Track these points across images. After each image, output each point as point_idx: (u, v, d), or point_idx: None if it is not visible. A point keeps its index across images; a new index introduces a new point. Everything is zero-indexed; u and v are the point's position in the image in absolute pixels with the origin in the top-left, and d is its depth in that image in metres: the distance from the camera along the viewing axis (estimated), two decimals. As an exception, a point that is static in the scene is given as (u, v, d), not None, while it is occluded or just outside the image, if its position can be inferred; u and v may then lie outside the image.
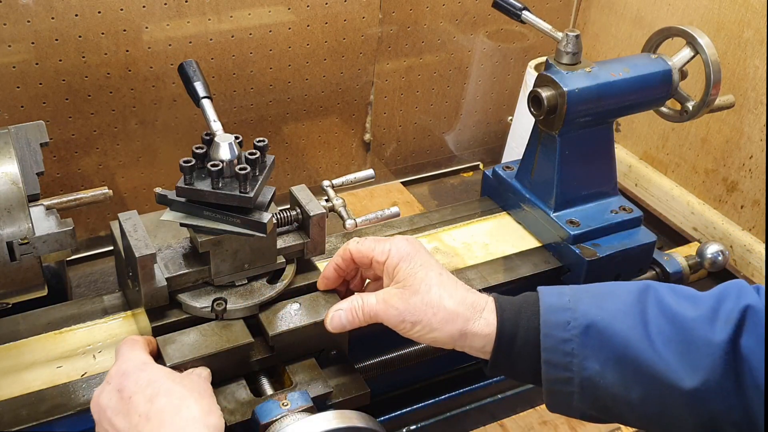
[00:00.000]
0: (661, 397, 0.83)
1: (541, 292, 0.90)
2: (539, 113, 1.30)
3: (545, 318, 0.87)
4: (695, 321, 0.82)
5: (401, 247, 0.96)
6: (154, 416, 0.82)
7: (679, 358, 0.82)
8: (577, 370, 0.85)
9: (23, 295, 0.97)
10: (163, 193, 0.99)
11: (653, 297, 0.86)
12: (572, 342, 0.85)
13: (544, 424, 1.38)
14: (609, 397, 0.86)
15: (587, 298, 0.87)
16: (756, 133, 1.65)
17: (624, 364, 0.84)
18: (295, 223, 1.12)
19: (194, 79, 1.07)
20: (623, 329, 0.84)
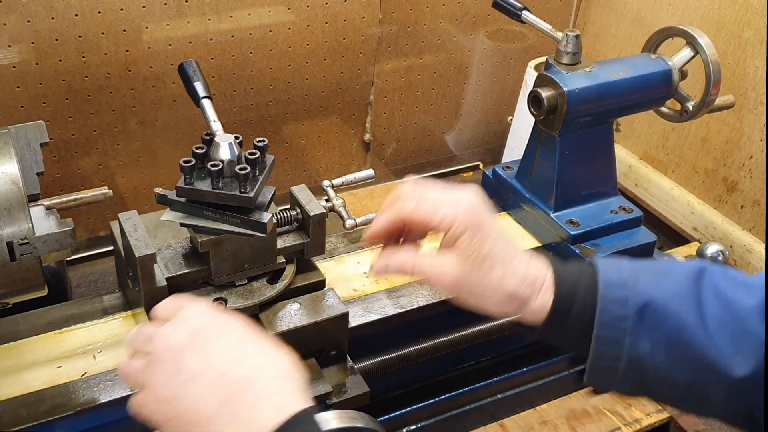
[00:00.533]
0: (707, 383, 0.82)
1: (599, 266, 0.86)
2: (539, 113, 1.30)
3: (603, 292, 0.84)
4: (749, 310, 0.81)
5: (466, 218, 0.87)
6: (247, 360, 0.75)
7: (731, 345, 0.80)
8: (627, 348, 0.83)
9: (23, 295, 0.97)
10: (163, 193, 0.99)
11: (709, 280, 0.84)
12: (627, 320, 0.82)
13: (544, 424, 1.38)
14: (654, 378, 0.84)
15: (646, 275, 0.85)
16: (756, 133, 1.65)
17: (676, 347, 0.82)
18: (295, 223, 1.12)
19: (194, 79, 1.07)
20: (679, 311, 0.82)
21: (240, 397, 0.72)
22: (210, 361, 0.74)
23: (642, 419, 1.39)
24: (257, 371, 0.74)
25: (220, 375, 0.73)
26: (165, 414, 0.74)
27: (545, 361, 1.40)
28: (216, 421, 0.71)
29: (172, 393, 0.74)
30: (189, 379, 0.73)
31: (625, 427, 1.37)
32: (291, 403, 0.72)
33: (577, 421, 1.39)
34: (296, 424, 0.70)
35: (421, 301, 1.22)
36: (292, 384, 0.75)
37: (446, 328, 1.28)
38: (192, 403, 0.73)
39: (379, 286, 1.25)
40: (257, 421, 0.70)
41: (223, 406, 0.72)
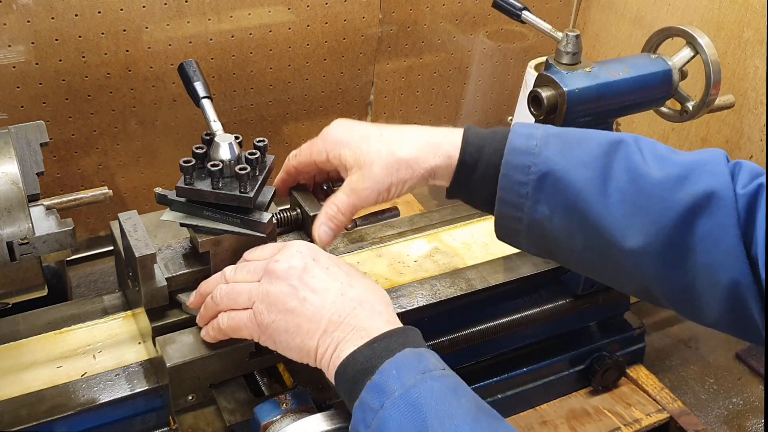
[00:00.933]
0: (602, 250, 0.86)
1: (512, 132, 0.92)
2: (539, 113, 1.29)
3: (507, 158, 0.90)
4: (657, 184, 0.83)
5: (333, 138, 1.00)
6: (358, 286, 0.87)
7: (628, 217, 0.83)
8: (527, 212, 0.89)
9: (23, 295, 0.97)
10: (163, 193, 0.99)
11: (623, 152, 0.86)
12: (527, 186, 0.88)
13: (544, 424, 1.38)
14: (553, 240, 0.90)
15: (555, 144, 0.89)
16: (756, 133, 1.64)
17: (572, 213, 0.86)
18: (296, 224, 1.12)
19: (194, 79, 1.07)
20: (579, 180, 0.86)
21: (357, 312, 0.84)
22: (329, 282, 0.87)
23: (642, 419, 1.39)
24: (367, 295, 0.87)
25: (339, 294, 0.86)
26: (285, 324, 0.86)
27: (545, 361, 1.40)
28: (339, 327, 0.84)
29: (296, 304, 0.85)
30: (309, 294, 0.86)
31: (625, 427, 1.37)
32: (395, 321, 0.86)
33: (577, 421, 1.39)
34: (404, 332, 0.83)
35: (421, 301, 1.22)
36: (391, 310, 0.88)
37: (446, 328, 1.28)
38: (316, 312, 0.85)
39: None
40: (370, 329, 0.83)
41: (344, 317, 0.84)
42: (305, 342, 0.86)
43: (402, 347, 0.80)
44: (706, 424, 1.45)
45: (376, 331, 0.82)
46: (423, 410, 0.73)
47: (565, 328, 1.42)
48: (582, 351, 1.43)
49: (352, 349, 0.82)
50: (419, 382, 0.76)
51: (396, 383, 0.76)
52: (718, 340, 1.66)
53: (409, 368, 0.77)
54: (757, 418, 1.49)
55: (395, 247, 1.35)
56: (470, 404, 0.76)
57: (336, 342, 0.84)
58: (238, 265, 0.97)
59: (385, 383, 0.76)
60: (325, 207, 1.00)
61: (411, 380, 0.76)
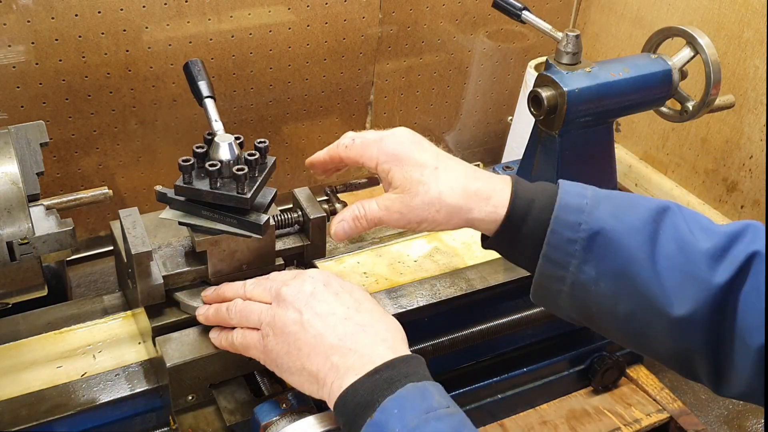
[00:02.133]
0: (647, 318, 0.84)
1: (562, 189, 0.89)
2: (539, 113, 1.30)
3: (557, 214, 0.87)
4: (703, 254, 0.82)
5: (389, 151, 0.96)
6: (364, 313, 0.87)
7: (677, 285, 0.82)
8: (573, 271, 0.86)
9: (23, 295, 0.97)
10: (163, 191, 0.99)
11: (670, 220, 0.85)
12: (577, 243, 0.85)
13: (544, 424, 1.38)
14: (596, 305, 0.87)
15: (606, 205, 0.87)
16: (756, 133, 1.64)
17: (620, 278, 0.84)
18: (297, 225, 1.12)
19: (198, 78, 1.07)
20: (631, 244, 0.84)
21: (360, 337, 0.83)
22: (336, 306, 0.87)
23: (642, 419, 1.39)
24: (373, 321, 0.86)
25: (345, 318, 0.85)
26: (286, 348, 0.86)
27: (545, 361, 1.40)
28: (338, 352, 0.82)
29: (299, 328, 0.85)
30: (315, 318, 0.85)
31: (625, 427, 1.37)
32: (401, 348, 0.84)
33: (577, 421, 1.39)
34: (408, 361, 0.81)
35: (421, 301, 1.22)
36: (399, 337, 0.86)
37: (446, 328, 1.28)
38: (317, 336, 0.84)
39: (378, 285, 1.25)
40: (373, 356, 0.81)
41: (345, 342, 0.82)
42: (305, 366, 0.84)
43: (405, 379, 0.77)
44: (706, 424, 1.45)
45: (378, 358, 0.80)
46: None
47: (565, 328, 1.42)
48: (582, 351, 1.43)
49: (353, 379, 0.79)
50: (422, 424, 0.73)
51: (397, 424, 0.73)
52: (718, 340, 1.66)
53: (412, 407, 0.75)
54: (757, 418, 1.49)
55: (395, 247, 1.35)
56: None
57: (336, 368, 0.81)
58: (258, 280, 0.97)
59: (387, 423, 0.74)
60: (354, 206, 0.98)
61: (413, 421, 0.73)
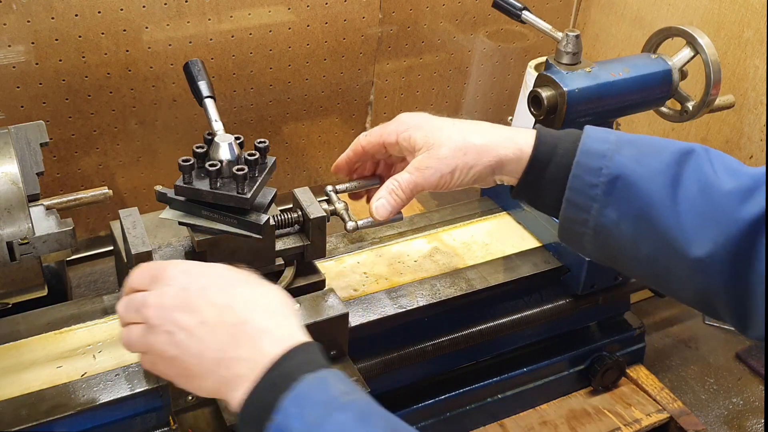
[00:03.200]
0: (667, 259, 0.85)
1: (586, 134, 0.90)
2: (539, 113, 1.30)
3: (579, 159, 0.88)
4: (726, 195, 0.83)
5: (406, 121, 0.98)
6: (237, 304, 0.78)
7: (696, 226, 0.83)
8: (594, 215, 0.88)
9: (23, 295, 0.97)
10: (163, 191, 0.99)
11: (694, 162, 0.86)
12: (598, 188, 0.87)
13: (544, 424, 1.38)
14: (618, 247, 0.88)
15: (628, 149, 0.88)
16: (756, 133, 1.64)
17: (641, 221, 0.86)
18: (297, 225, 1.12)
19: (198, 78, 1.07)
20: (651, 188, 0.85)
21: (239, 339, 0.75)
22: (202, 314, 0.77)
23: (642, 419, 1.39)
24: (249, 313, 0.77)
25: (215, 325, 0.76)
26: (175, 371, 0.78)
27: (545, 361, 1.40)
28: (222, 365, 0.75)
29: (177, 351, 0.77)
30: (188, 336, 0.76)
31: (625, 427, 1.37)
32: (289, 336, 0.76)
33: (577, 421, 1.39)
34: (299, 352, 0.74)
35: (421, 301, 1.22)
36: (286, 319, 0.78)
37: (446, 328, 1.28)
38: (196, 355, 0.76)
39: (378, 285, 1.25)
40: (260, 356, 0.73)
41: (226, 351, 0.75)
42: (202, 385, 0.78)
43: (301, 372, 0.72)
44: (706, 424, 1.45)
45: (265, 357, 0.73)
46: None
47: (565, 328, 1.42)
48: (582, 351, 1.43)
49: (248, 387, 0.73)
50: (324, 417, 0.69)
51: (299, 424, 0.69)
52: (718, 340, 1.66)
53: (311, 402, 0.70)
54: (757, 418, 1.49)
55: (395, 247, 1.35)
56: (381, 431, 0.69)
57: (227, 381, 0.75)
58: (125, 301, 0.84)
59: (287, 425, 0.69)
60: (386, 182, 0.97)
61: (314, 417, 0.69)
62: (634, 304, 1.50)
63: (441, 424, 1.33)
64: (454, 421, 1.34)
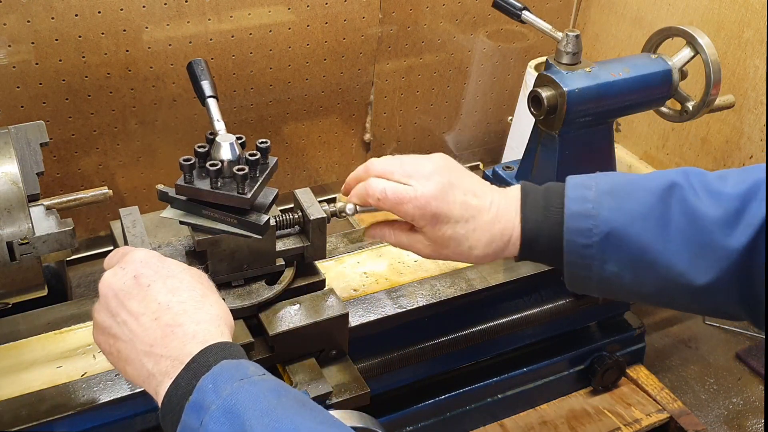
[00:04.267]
0: (675, 291, 0.89)
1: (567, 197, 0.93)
2: (539, 113, 1.30)
3: (568, 224, 0.92)
4: (715, 223, 0.85)
5: (423, 210, 0.96)
6: (176, 307, 0.82)
7: (694, 257, 0.86)
8: (596, 272, 0.92)
9: (23, 295, 0.97)
10: (164, 190, 0.99)
11: (678, 196, 0.88)
12: (592, 248, 0.91)
13: (544, 424, 1.38)
14: (625, 292, 0.93)
15: (608, 201, 0.91)
16: (756, 133, 1.65)
17: (639, 265, 0.89)
18: (297, 226, 1.12)
19: (201, 78, 1.07)
20: (641, 233, 0.88)
21: (168, 340, 0.80)
22: (145, 305, 0.82)
23: (642, 419, 1.39)
24: (185, 317, 0.81)
25: (151, 320, 0.81)
26: (108, 348, 0.84)
27: (545, 361, 1.40)
28: (150, 358, 0.80)
29: (113, 331, 0.83)
30: (126, 320, 0.82)
31: (625, 427, 1.37)
32: (219, 337, 0.81)
33: (577, 421, 1.39)
34: (221, 347, 0.79)
35: (421, 301, 1.22)
36: (215, 328, 0.82)
37: (446, 328, 1.28)
38: (128, 341, 0.82)
39: (379, 285, 1.25)
40: (183, 355, 0.78)
41: (154, 347, 0.80)
42: (129, 371, 0.82)
43: (219, 359, 0.77)
44: (706, 424, 1.45)
45: (190, 356, 0.78)
46: (241, 414, 0.71)
47: (565, 328, 1.42)
48: (582, 351, 1.43)
49: (169, 383, 0.77)
50: (237, 389, 0.73)
51: (213, 396, 0.73)
52: (718, 340, 1.66)
53: (226, 378, 0.74)
54: (757, 418, 1.49)
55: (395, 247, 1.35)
56: (291, 401, 0.73)
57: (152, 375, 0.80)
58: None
59: (203, 399, 0.73)
60: (387, 228, 1.04)
61: (228, 390, 0.73)
62: (634, 303, 1.50)
63: (441, 424, 1.33)
64: (454, 421, 1.34)
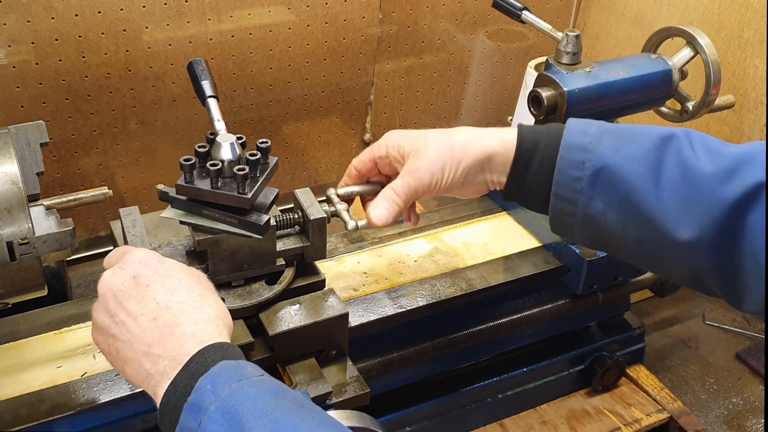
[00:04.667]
0: (655, 242, 0.88)
1: (567, 128, 0.92)
2: (539, 113, 1.30)
3: (563, 154, 0.90)
4: (708, 177, 0.84)
5: (393, 133, 1.01)
6: (175, 307, 0.82)
7: (680, 209, 0.85)
8: (581, 206, 0.90)
9: (23, 295, 0.97)
10: (164, 190, 0.99)
11: (674, 147, 0.88)
12: (582, 181, 0.89)
13: (544, 424, 1.38)
14: (607, 234, 0.91)
15: (608, 140, 0.90)
16: (756, 133, 1.65)
17: (626, 207, 0.88)
18: (297, 226, 1.12)
19: (202, 78, 1.07)
20: (632, 174, 0.87)
21: (167, 340, 0.80)
22: (144, 305, 0.82)
23: (642, 419, 1.39)
24: (183, 317, 0.81)
25: (150, 320, 0.81)
26: (107, 348, 0.85)
27: (545, 361, 1.40)
28: (148, 358, 0.80)
29: (112, 330, 0.83)
30: (125, 320, 0.82)
31: (625, 427, 1.37)
32: (216, 338, 0.81)
33: (577, 421, 1.39)
34: (219, 347, 0.79)
35: (421, 301, 1.22)
36: (214, 329, 0.82)
37: (446, 328, 1.28)
38: (127, 341, 0.82)
39: (379, 285, 1.25)
40: (181, 355, 0.78)
41: (153, 347, 0.80)
42: (128, 371, 0.83)
43: (217, 360, 0.77)
44: (706, 424, 1.45)
45: (187, 356, 0.78)
46: (239, 415, 0.71)
47: (565, 328, 1.42)
48: (582, 351, 1.43)
49: (167, 384, 0.78)
50: (235, 390, 0.73)
51: (211, 397, 0.73)
52: (718, 340, 1.66)
53: (225, 379, 0.74)
54: (757, 418, 1.49)
55: (395, 247, 1.35)
56: (290, 403, 0.73)
57: (150, 375, 0.80)
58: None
59: (201, 400, 0.73)
60: (383, 192, 1.00)
61: (226, 391, 0.73)
62: (634, 304, 1.50)
63: (441, 424, 1.33)
64: (454, 421, 1.34)
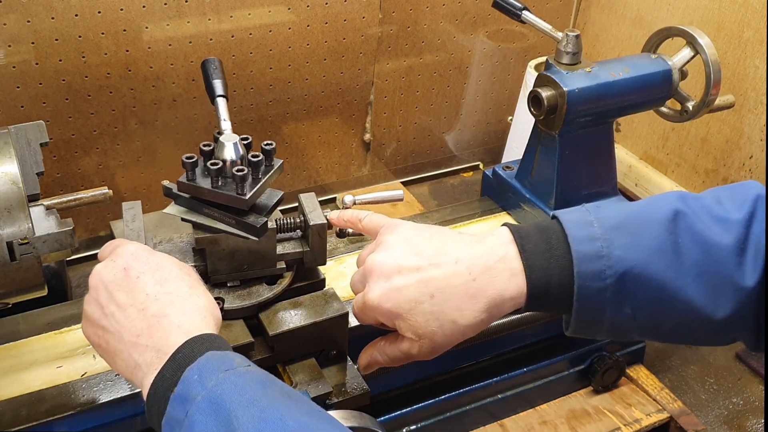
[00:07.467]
0: (693, 327, 0.84)
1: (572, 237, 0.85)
2: (539, 113, 1.30)
3: (580, 269, 0.83)
4: (726, 250, 0.82)
5: (386, 311, 0.90)
6: (163, 298, 0.83)
7: (711, 290, 0.82)
8: (609, 316, 0.84)
9: (23, 295, 0.97)
10: (169, 186, 0.99)
11: (684, 224, 0.84)
12: (607, 291, 0.83)
13: (544, 424, 1.38)
14: (638, 332, 0.87)
15: (619, 238, 0.84)
16: (756, 133, 1.65)
17: (658, 303, 0.83)
18: (299, 231, 1.11)
19: (213, 77, 1.07)
20: (658, 271, 0.82)
21: (154, 330, 0.81)
22: (133, 296, 0.83)
23: (642, 419, 1.39)
24: (171, 308, 0.83)
25: (138, 311, 0.82)
26: (97, 339, 0.85)
27: (545, 361, 1.40)
28: (136, 349, 0.81)
29: (102, 322, 0.84)
30: (114, 311, 0.83)
31: (625, 427, 1.37)
32: (197, 331, 0.81)
33: (577, 421, 1.39)
34: (206, 338, 0.80)
35: (421, 301, 1.21)
36: (201, 320, 0.83)
37: (446, 328, 1.27)
38: (116, 332, 0.83)
39: (379, 286, 1.25)
40: (167, 347, 0.79)
41: (140, 337, 0.81)
42: (116, 362, 0.83)
43: (204, 350, 0.77)
44: (706, 424, 1.45)
45: (174, 347, 0.79)
46: (226, 405, 0.70)
47: (565, 328, 1.42)
48: (582, 351, 1.43)
49: (155, 375, 0.78)
50: (222, 380, 0.73)
51: (198, 387, 0.73)
52: (718, 340, 1.66)
53: (212, 369, 0.74)
54: (757, 418, 1.49)
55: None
56: (277, 393, 0.72)
57: (138, 366, 0.80)
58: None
59: (188, 391, 0.73)
60: (377, 350, 0.96)
61: (213, 380, 0.73)
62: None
63: (441, 424, 1.33)
64: (454, 421, 1.34)
